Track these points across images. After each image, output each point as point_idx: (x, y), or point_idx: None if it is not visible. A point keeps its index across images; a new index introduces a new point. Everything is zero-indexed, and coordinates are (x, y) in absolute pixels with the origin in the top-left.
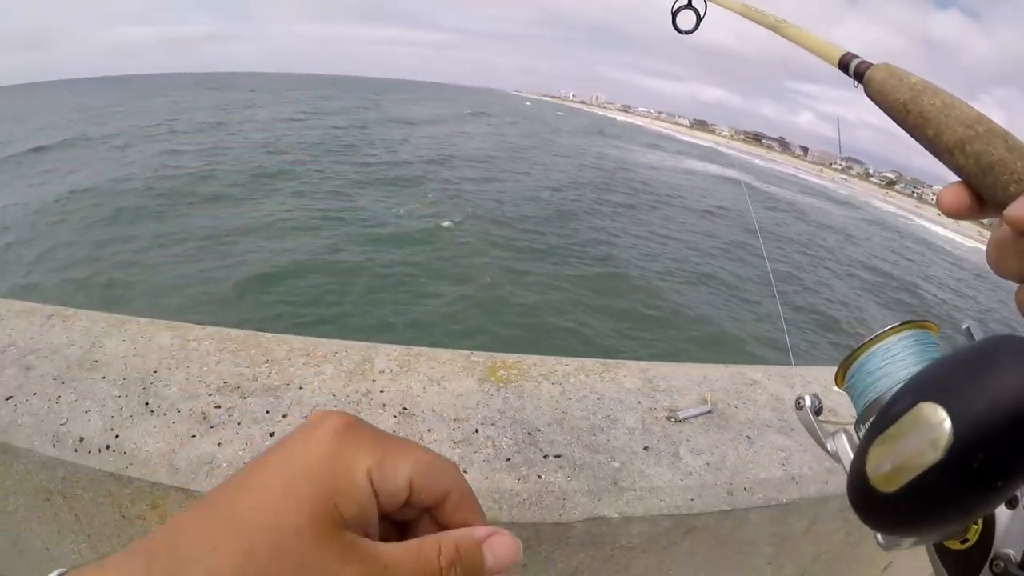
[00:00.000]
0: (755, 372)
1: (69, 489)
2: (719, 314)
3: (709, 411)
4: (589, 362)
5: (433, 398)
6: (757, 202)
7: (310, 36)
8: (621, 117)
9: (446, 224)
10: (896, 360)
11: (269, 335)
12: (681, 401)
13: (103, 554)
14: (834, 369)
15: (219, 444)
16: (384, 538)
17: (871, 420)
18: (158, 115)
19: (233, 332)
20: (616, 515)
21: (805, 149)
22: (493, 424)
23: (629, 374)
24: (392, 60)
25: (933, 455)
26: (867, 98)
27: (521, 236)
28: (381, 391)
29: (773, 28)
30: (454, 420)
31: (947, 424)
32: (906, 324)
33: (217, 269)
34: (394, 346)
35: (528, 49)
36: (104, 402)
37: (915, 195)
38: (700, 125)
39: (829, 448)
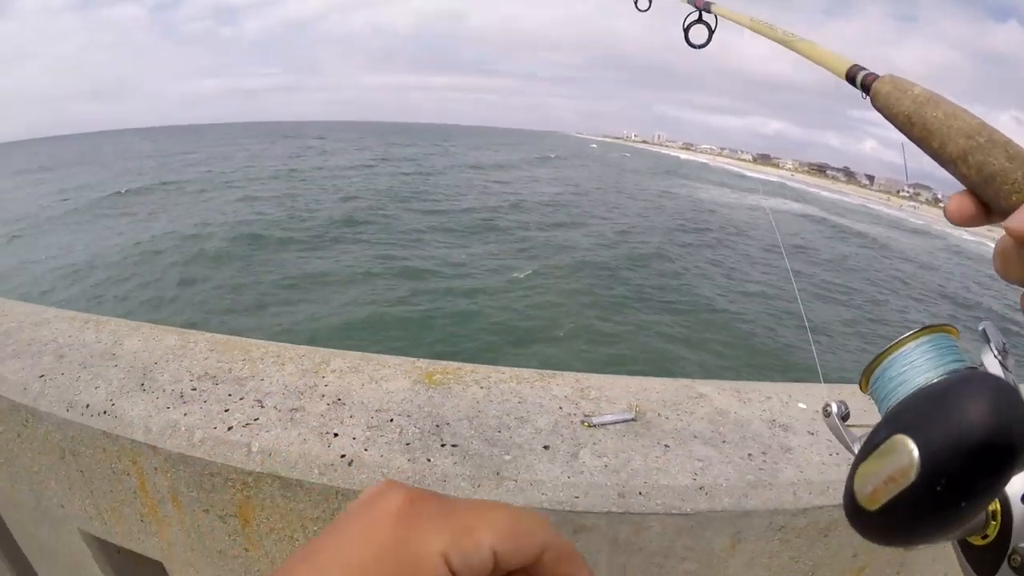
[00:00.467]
0: (704, 386)
1: (76, 447)
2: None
3: (632, 419)
4: (527, 372)
5: (367, 393)
6: (842, 237)
7: (376, 86)
8: (684, 155)
9: (522, 274)
10: (915, 366)
11: (254, 340)
12: (606, 409)
13: (104, 508)
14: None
15: (184, 415)
16: None
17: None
18: (233, 162)
19: (224, 337)
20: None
21: (871, 178)
22: (408, 416)
23: (563, 383)
24: (456, 107)
25: (905, 481)
26: (875, 110)
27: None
28: (326, 385)
29: (782, 42)
30: (376, 410)
31: (915, 454)
32: (924, 330)
33: (287, 314)
34: (353, 352)
35: (588, 92)
36: (111, 382)
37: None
38: (763, 159)
39: (856, 451)
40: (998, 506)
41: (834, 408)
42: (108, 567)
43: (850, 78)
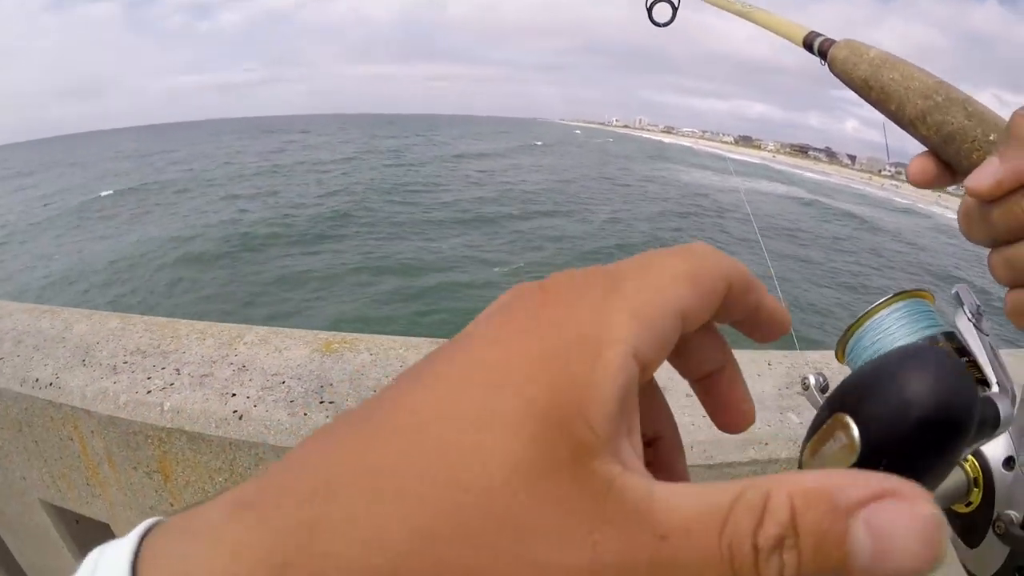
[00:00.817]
0: None
1: (29, 418)
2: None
3: None
4: (416, 340)
5: (268, 360)
6: (830, 218)
7: (357, 76)
8: (667, 139)
9: (508, 268)
10: (889, 333)
11: (183, 320)
12: None
13: (57, 476)
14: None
15: (114, 383)
16: None
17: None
18: (215, 159)
19: (161, 319)
20: None
21: (852, 157)
22: (299, 378)
23: None
24: (439, 96)
25: (848, 460)
26: (833, 76)
27: None
28: (236, 355)
29: (740, 13)
30: (272, 375)
31: (855, 433)
32: (897, 296)
33: (278, 317)
34: (265, 327)
35: (571, 78)
36: (58, 360)
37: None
38: (745, 141)
39: None
40: (980, 473)
41: (812, 380)
42: (68, 536)
43: (807, 45)
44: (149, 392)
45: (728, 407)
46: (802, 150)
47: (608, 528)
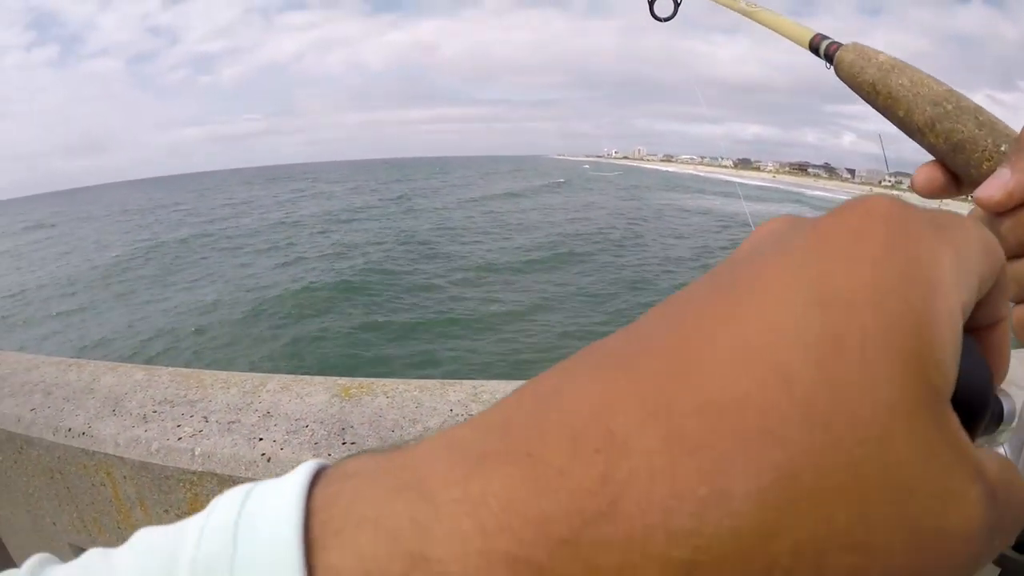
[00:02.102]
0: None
1: (62, 466)
2: None
3: None
4: (430, 383)
5: (291, 406)
6: None
7: (356, 123)
8: (670, 168)
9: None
10: None
11: (207, 371)
12: None
13: (88, 520)
14: None
15: (146, 431)
16: None
17: None
18: (224, 211)
19: (185, 370)
20: None
21: (852, 171)
22: (321, 422)
23: (459, 390)
24: (439, 139)
25: None
26: (840, 80)
27: None
28: (260, 402)
29: (745, 13)
30: (296, 419)
31: None
32: None
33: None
34: (286, 375)
35: (566, 113)
36: (88, 410)
37: (970, 199)
38: (744, 164)
39: None
40: None
41: None
42: None
43: (813, 48)
44: (180, 439)
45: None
46: (801, 168)
47: (975, 487)
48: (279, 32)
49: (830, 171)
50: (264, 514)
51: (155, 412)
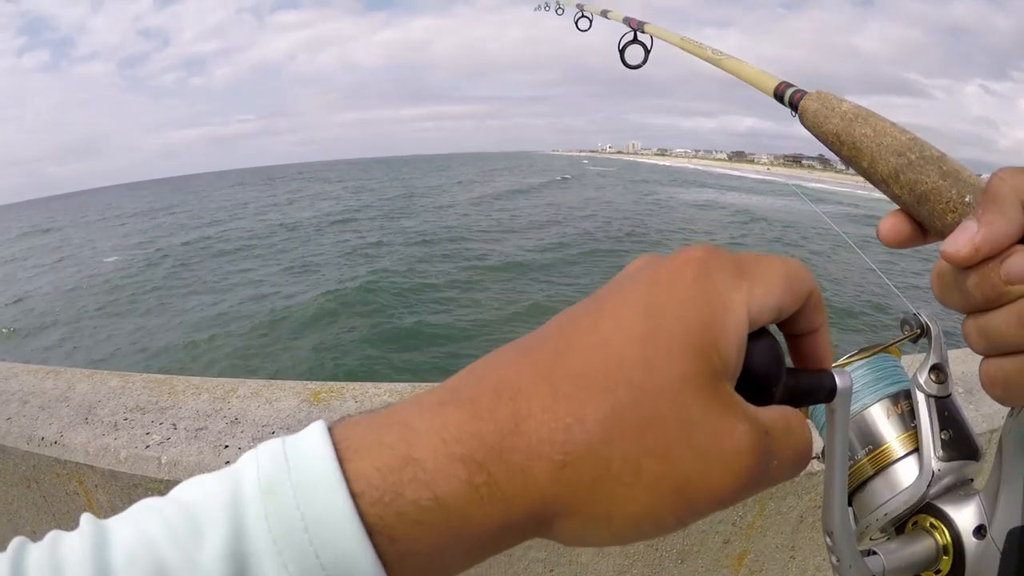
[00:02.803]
0: None
1: (37, 475)
2: None
3: None
4: (400, 386)
5: (260, 412)
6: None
7: (349, 123)
8: (666, 162)
9: None
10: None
11: (180, 376)
12: None
13: (65, 528)
14: None
15: (115, 439)
16: None
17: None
18: (220, 213)
19: (157, 376)
20: None
21: None
22: (288, 428)
23: None
24: (433, 136)
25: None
26: (804, 128)
27: None
28: (229, 408)
29: (712, 61)
30: (263, 426)
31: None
32: (860, 352)
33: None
34: (258, 380)
35: (560, 109)
36: (62, 419)
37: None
38: (738, 157)
39: None
40: (949, 540)
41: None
42: None
43: (778, 96)
44: (148, 447)
45: (806, 360)
46: (796, 160)
47: (741, 423)
48: (271, 32)
49: (824, 163)
50: (303, 446)
51: (126, 420)
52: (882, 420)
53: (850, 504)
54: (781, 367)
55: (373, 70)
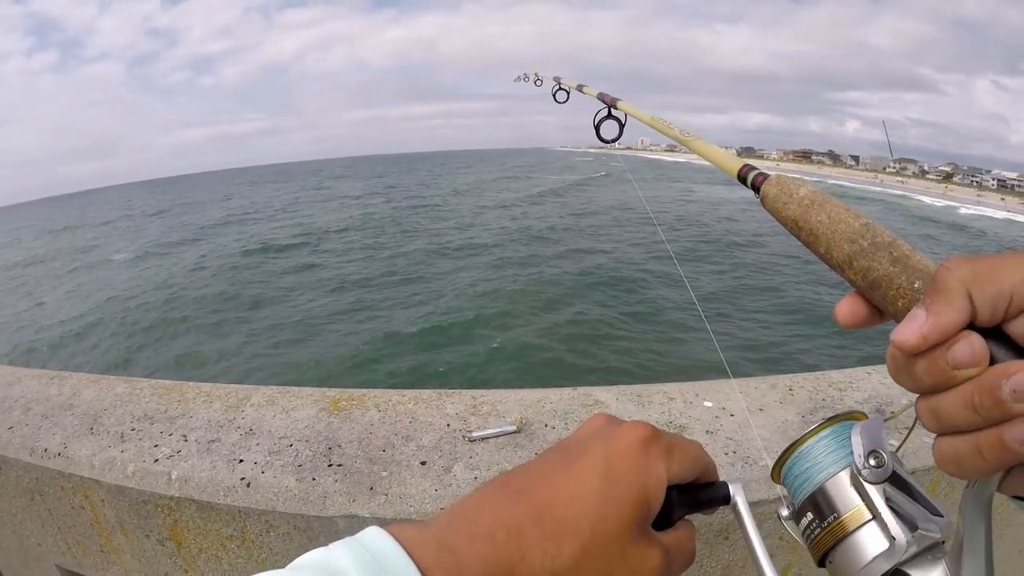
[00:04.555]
0: (604, 393)
1: (41, 488)
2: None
3: (514, 431)
4: (426, 393)
5: (276, 423)
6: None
7: (359, 121)
8: (681, 159)
9: None
10: (816, 461)
11: (190, 383)
12: (493, 423)
13: (72, 543)
14: (748, 381)
15: (122, 451)
16: None
17: (805, 517)
18: (240, 207)
19: (167, 383)
20: (368, 515)
21: (856, 158)
22: (306, 440)
23: (458, 401)
24: (444, 133)
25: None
26: (765, 210)
27: None
28: (243, 418)
29: (678, 140)
30: (280, 437)
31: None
32: (827, 422)
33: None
34: (272, 387)
35: (568, 105)
36: (66, 428)
37: (975, 184)
38: (748, 152)
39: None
40: None
41: (784, 511)
42: None
43: (741, 178)
44: (156, 460)
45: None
46: (806, 156)
47: (655, 550)
48: (279, 31)
49: (834, 158)
50: (377, 543)
51: (133, 430)
52: (845, 488)
53: (823, 566)
54: (675, 504)
55: (382, 68)
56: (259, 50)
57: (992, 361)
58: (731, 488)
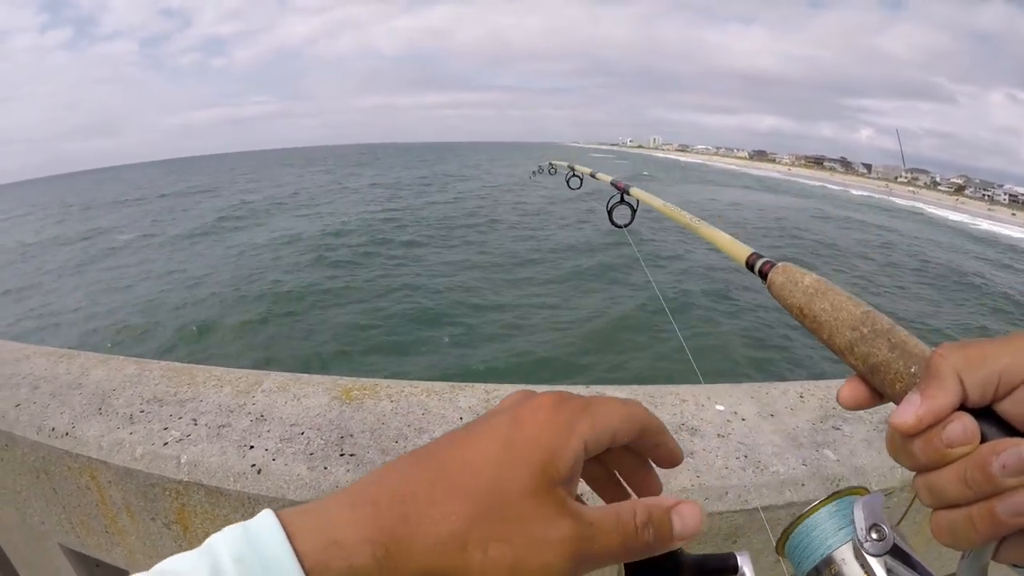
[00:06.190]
0: (618, 392)
1: (47, 466)
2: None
3: None
4: (439, 386)
5: (287, 409)
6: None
7: (368, 108)
8: (693, 159)
9: None
10: (819, 535)
11: (200, 366)
12: None
13: (76, 522)
14: (729, 386)
15: (131, 433)
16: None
17: None
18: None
19: (177, 365)
20: None
21: (868, 166)
22: (318, 428)
23: (471, 394)
24: (455, 123)
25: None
26: (772, 297)
27: None
28: (253, 404)
29: (689, 227)
30: (291, 425)
31: None
32: (831, 497)
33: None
34: (285, 373)
35: (580, 100)
36: (74, 408)
37: (986, 198)
38: (759, 156)
39: None
40: None
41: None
42: None
43: (749, 265)
44: (166, 444)
45: (639, 491)
46: (817, 161)
47: (567, 519)
48: (291, 14)
49: (846, 165)
50: (263, 532)
51: (142, 412)
52: (848, 560)
53: None
54: (673, 566)
55: (392, 55)
56: (270, 33)
57: (983, 439)
58: (739, 559)
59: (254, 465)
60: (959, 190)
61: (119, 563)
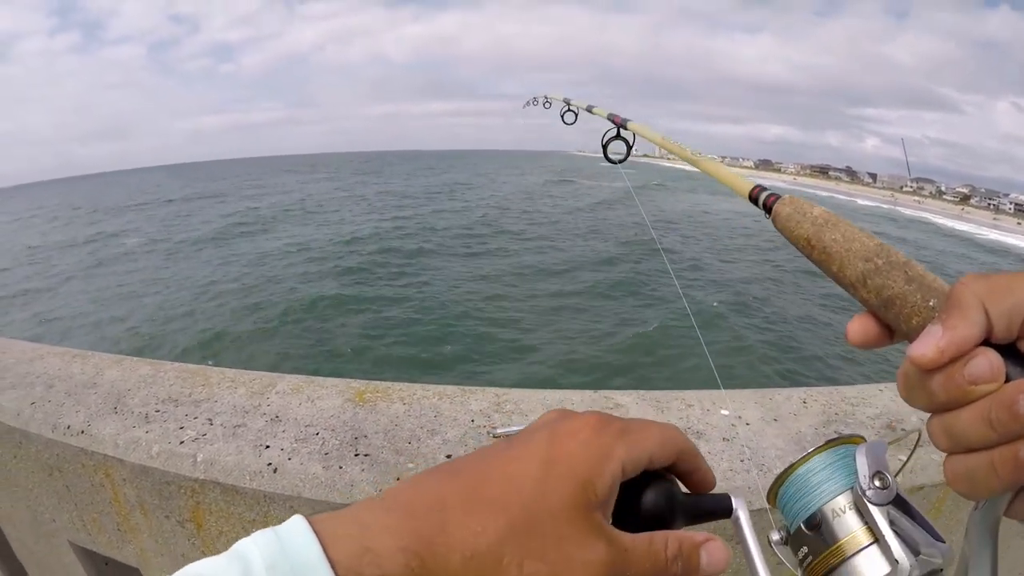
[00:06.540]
0: (625, 397)
1: (60, 464)
2: None
3: None
4: (451, 389)
5: (302, 411)
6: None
7: (376, 115)
8: (692, 168)
9: None
10: (812, 485)
11: (214, 368)
12: (517, 421)
13: (88, 520)
14: (741, 392)
15: (147, 432)
16: None
17: (801, 541)
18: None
19: (192, 366)
20: None
21: (873, 176)
22: (332, 430)
23: (482, 398)
24: (462, 132)
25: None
26: (776, 231)
27: None
28: (268, 405)
29: (690, 161)
30: (306, 426)
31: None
32: (825, 445)
33: None
34: (298, 376)
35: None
36: (89, 407)
37: (992, 207)
38: (765, 165)
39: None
40: None
41: (775, 536)
42: None
43: (752, 199)
44: (182, 443)
45: (696, 488)
46: (823, 171)
47: (602, 542)
48: (300, 22)
49: (852, 175)
50: (295, 537)
51: (158, 412)
52: (844, 511)
53: None
54: (669, 503)
55: (400, 63)
56: (279, 40)
57: (1008, 378)
58: (734, 501)
59: (270, 464)
60: (964, 199)
61: (130, 561)
